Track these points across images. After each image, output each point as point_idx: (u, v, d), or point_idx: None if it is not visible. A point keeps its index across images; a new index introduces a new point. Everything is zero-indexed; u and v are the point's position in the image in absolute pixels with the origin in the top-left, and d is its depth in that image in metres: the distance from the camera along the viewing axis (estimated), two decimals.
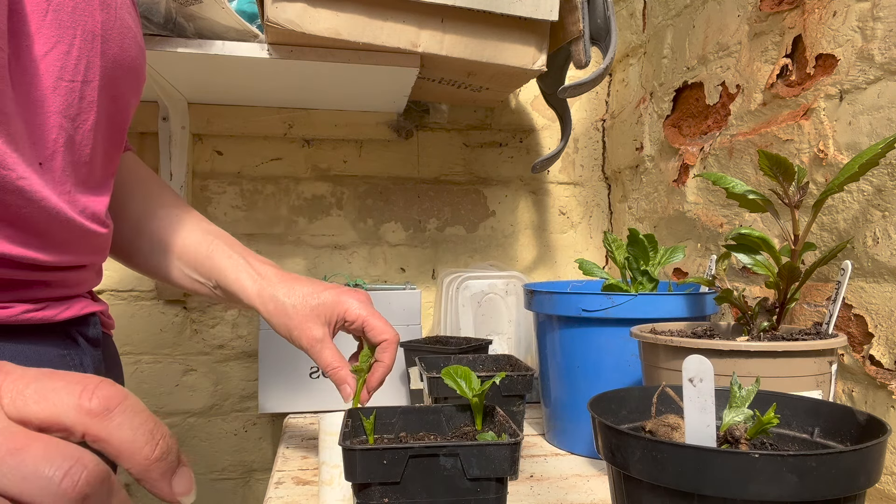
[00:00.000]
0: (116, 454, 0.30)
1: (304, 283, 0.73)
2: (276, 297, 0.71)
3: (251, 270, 0.73)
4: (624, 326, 0.76)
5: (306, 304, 0.71)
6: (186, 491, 0.33)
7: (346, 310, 0.72)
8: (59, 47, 0.50)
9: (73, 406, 0.29)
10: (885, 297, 0.69)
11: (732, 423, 0.48)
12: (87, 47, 0.52)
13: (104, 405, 0.30)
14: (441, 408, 0.65)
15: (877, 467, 0.40)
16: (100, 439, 0.30)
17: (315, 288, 0.73)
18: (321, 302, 0.71)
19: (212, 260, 0.73)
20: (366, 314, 0.72)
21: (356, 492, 0.53)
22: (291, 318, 0.71)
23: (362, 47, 0.93)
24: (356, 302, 0.72)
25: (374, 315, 0.72)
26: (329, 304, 0.71)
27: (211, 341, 1.28)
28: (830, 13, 0.76)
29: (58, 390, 0.30)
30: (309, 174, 1.32)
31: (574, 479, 0.77)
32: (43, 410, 0.29)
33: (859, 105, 0.72)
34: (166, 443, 0.32)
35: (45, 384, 0.30)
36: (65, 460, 0.27)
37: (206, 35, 0.93)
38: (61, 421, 0.29)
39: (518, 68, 1.01)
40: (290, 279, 0.73)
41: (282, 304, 0.71)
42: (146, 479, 0.31)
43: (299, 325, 0.71)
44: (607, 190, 1.43)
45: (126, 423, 0.30)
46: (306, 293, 0.72)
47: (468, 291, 1.19)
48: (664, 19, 1.16)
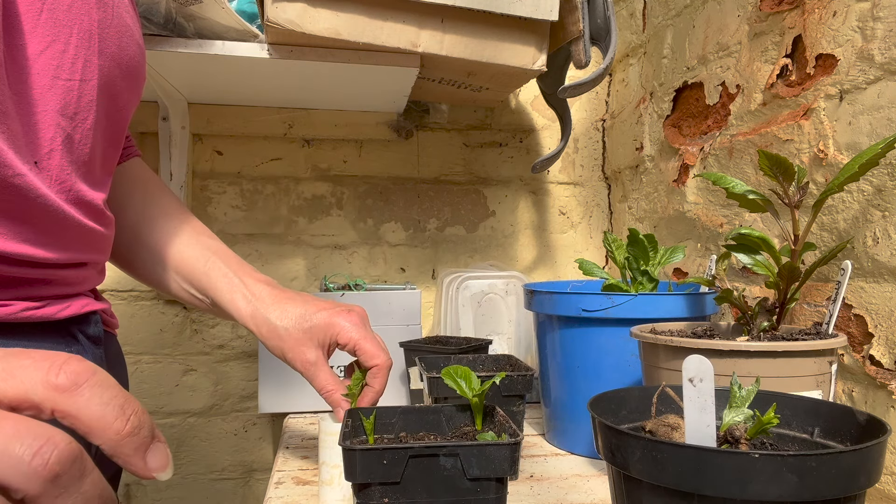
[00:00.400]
0: (87, 430, 0.30)
1: (298, 303, 0.72)
2: (269, 321, 0.71)
3: (246, 291, 0.73)
4: (624, 326, 0.76)
5: (299, 327, 0.71)
6: (162, 467, 0.32)
7: (339, 332, 0.71)
8: (54, 46, 0.50)
9: (41, 382, 0.29)
10: (885, 297, 0.69)
11: (732, 423, 0.48)
12: (84, 46, 0.52)
13: (72, 380, 0.29)
14: (441, 408, 0.65)
15: (877, 467, 0.40)
16: (69, 415, 0.29)
17: (308, 309, 0.72)
18: (314, 325, 0.71)
19: (208, 277, 0.73)
20: (357, 337, 0.71)
21: (356, 492, 0.53)
22: (285, 342, 0.71)
23: (362, 47, 0.93)
24: (349, 325, 0.71)
25: (367, 338, 0.71)
26: (322, 326, 0.71)
27: (211, 341, 1.28)
28: (830, 13, 0.76)
29: (25, 367, 0.29)
30: (309, 174, 1.32)
31: (574, 479, 0.77)
32: (11, 388, 0.29)
33: (859, 105, 0.72)
34: (138, 418, 0.31)
35: (12, 362, 0.29)
36: (35, 439, 0.27)
37: (206, 35, 0.93)
38: (30, 398, 0.29)
39: (518, 68, 1.01)
40: (284, 300, 0.73)
41: (275, 327, 0.71)
42: (118, 455, 0.30)
43: (293, 348, 0.70)
44: (607, 190, 1.43)
45: (95, 397, 0.30)
46: (299, 316, 0.71)
47: (468, 291, 1.19)
48: (664, 19, 1.16)
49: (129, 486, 1.26)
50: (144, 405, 1.36)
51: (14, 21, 0.47)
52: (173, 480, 1.27)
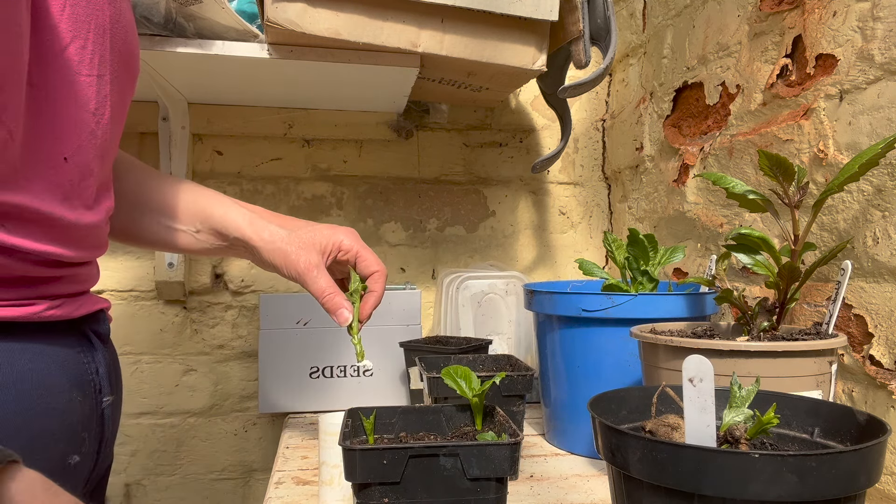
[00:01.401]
0: None
1: (296, 220, 0.77)
2: (269, 227, 0.73)
3: (241, 208, 0.74)
4: (624, 326, 0.76)
5: (302, 235, 0.73)
6: None
7: (342, 241, 0.75)
8: (76, 42, 0.51)
9: None
10: (885, 297, 0.69)
11: (732, 423, 0.48)
12: (99, 41, 0.53)
13: None
14: (441, 408, 0.65)
15: (877, 467, 0.40)
16: None
17: (309, 224, 0.76)
18: (317, 233, 0.74)
19: (197, 204, 0.74)
20: (358, 247, 0.76)
21: (356, 492, 0.53)
22: (288, 245, 0.72)
23: (362, 47, 0.93)
24: (350, 237, 0.76)
25: (366, 248, 0.76)
26: (325, 235, 0.74)
27: (211, 341, 1.28)
28: (830, 13, 0.76)
29: None
30: (309, 174, 1.32)
31: (574, 479, 0.77)
32: None
33: (859, 105, 0.72)
34: None
35: None
36: None
37: (206, 35, 0.93)
38: None
39: (518, 68, 1.01)
40: (282, 217, 0.77)
41: (275, 231, 0.73)
42: None
43: (295, 251, 0.72)
44: (607, 190, 1.43)
45: None
46: (301, 226, 0.75)
47: (468, 291, 1.19)
48: (664, 19, 1.16)
49: (128, 486, 1.26)
50: (144, 405, 1.36)
51: (42, 18, 0.48)
52: (173, 480, 1.27)
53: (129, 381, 1.25)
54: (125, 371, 1.25)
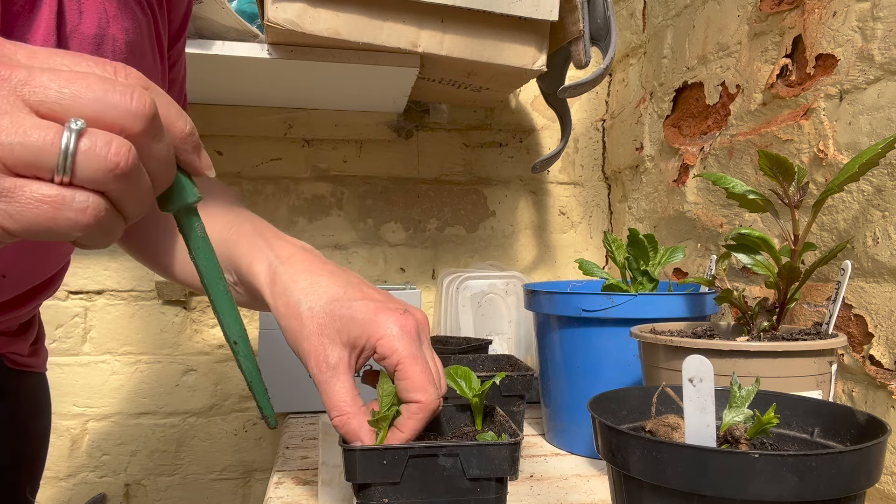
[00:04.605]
0: None
1: (337, 281, 0.54)
2: (289, 292, 0.53)
3: (270, 253, 0.56)
4: (624, 326, 0.76)
5: (329, 311, 0.52)
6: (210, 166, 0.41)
7: (381, 338, 0.52)
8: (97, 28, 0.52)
9: None
10: (885, 297, 0.69)
11: (732, 423, 0.48)
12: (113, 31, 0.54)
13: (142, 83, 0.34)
14: (441, 408, 0.65)
15: (877, 467, 0.40)
16: None
17: (349, 293, 0.53)
18: (350, 315, 0.52)
19: (228, 248, 0.58)
20: (405, 354, 0.51)
21: (356, 492, 0.53)
22: (304, 326, 0.53)
23: (362, 47, 0.93)
24: (398, 331, 0.52)
25: (416, 359, 0.52)
26: (360, 321, 0.52)
27: (211, 341, 1.28)
28: (830, 13, 0.76)
29: None
30: (309, 174, 1.32)
31: (574, 479, 0.77)
32: None
33: (859, 105, 0.72)
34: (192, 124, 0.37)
35: None
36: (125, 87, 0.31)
37: (206, 35, 0.93)
38: None
39: (518, 68, 1.01)
40: (319, 271, 0.54)
41: (296, 303, 0.53)
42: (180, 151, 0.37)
43: (310, 337, 0.53)
44: (607, 190, 1.43)
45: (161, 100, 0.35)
46: (333, 297, 0.53)
47: (468, 291, 1.19)
48: (664, 19, 1.16)
49: (128, 486, 1.26)
50: (144, 405, 1.35)
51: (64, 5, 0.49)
52: (173, 480, 1.27)
53: (129, 380, 1.25)
54: (125, 371, 1.25)
